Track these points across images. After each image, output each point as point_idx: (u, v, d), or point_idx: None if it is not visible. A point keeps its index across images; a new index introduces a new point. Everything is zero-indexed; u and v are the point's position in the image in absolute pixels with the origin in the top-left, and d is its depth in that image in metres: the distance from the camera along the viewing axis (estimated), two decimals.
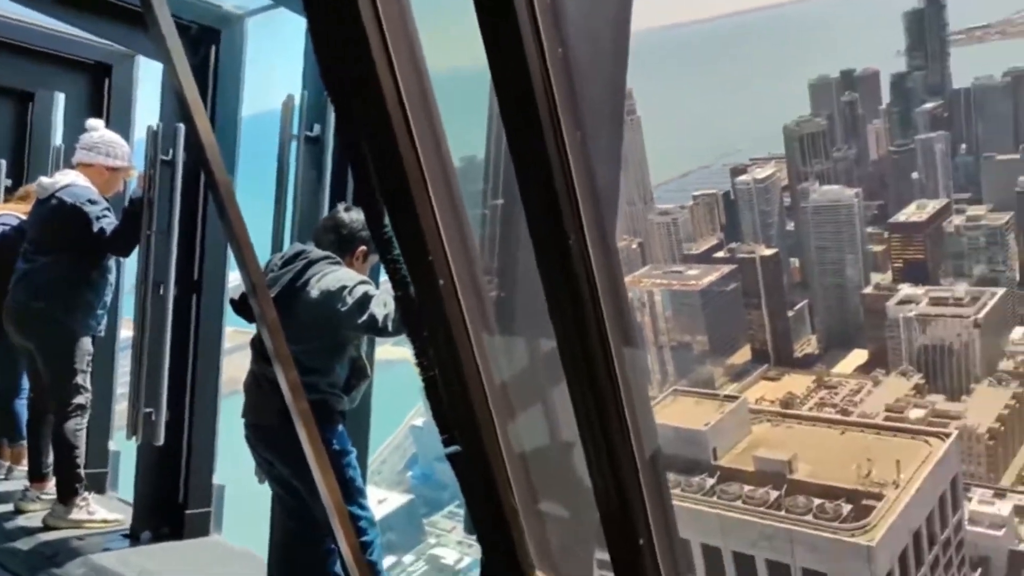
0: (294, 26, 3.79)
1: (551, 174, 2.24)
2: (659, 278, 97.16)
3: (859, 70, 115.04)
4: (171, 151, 4.50)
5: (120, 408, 5.48)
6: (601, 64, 2.86)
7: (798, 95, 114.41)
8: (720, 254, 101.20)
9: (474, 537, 2.98)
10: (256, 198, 4.44)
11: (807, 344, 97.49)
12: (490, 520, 2.73)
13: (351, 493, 3.30)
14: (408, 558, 71.88)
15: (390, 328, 3.19)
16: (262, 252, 3.88)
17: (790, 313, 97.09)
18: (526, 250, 2.48)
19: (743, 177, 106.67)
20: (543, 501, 3.27)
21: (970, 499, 52.87)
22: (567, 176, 2.24)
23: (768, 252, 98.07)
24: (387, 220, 2.69)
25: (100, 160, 4.80)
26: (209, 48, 4.48)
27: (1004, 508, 55.02)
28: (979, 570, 50.50)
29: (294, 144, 4.02)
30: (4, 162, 6.24)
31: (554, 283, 2.42)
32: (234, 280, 4.28)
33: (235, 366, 4.84)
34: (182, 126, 4.35)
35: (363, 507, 3.38)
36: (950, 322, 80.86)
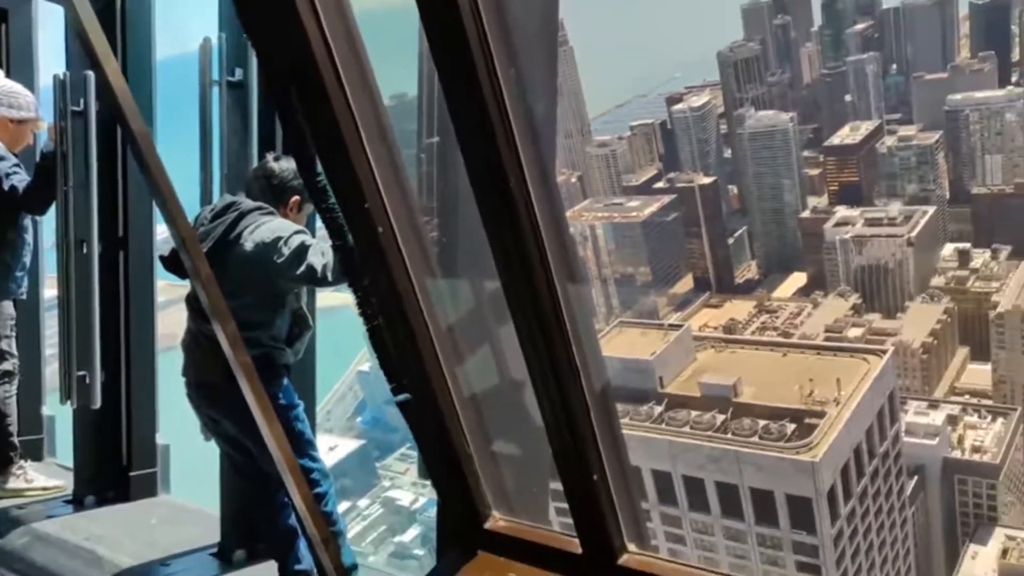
0: None
1: (486, 113, 2.15)
2: (600, 211, 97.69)
3: None
4: (82, 100, 4.24)
5: (52, 371, 5.28)
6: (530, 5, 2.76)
7: (731, 20, 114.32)
8: (659, 184, 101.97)
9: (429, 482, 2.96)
10: (180, 148, 4.24)
11: (747, 270, 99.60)
12: (445, 467, 2.71)
13: (301, 446, 3.24)
14: (363, 502, 72.63)
15: (330, 278, 3.09)
16: (191, 205, 3.73)
17: (730, 240, 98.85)
18: (466, 189, 2.40)
19: (679, 106, 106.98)
20: (496, 442, 3.26)
21: (906, 411, 55.35)
22: (503, 114, 2.17)
23: (707, 180, 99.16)
24: (320, 168, 2.58)
25: (3, 112, 4.50)
26: None
27: (938, 418, 57.84)
28: (915, 478, 53.06)
29: (216, 90, 3.81)
30: None
31: (495, 223, 2.36)
32: (163, 233, 4.10)
33: (170, 321, 4.70)
34: (92, 73, 4.09)
35: (314, 459, 3.33)
36: (884, 242, 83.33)
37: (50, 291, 5.06)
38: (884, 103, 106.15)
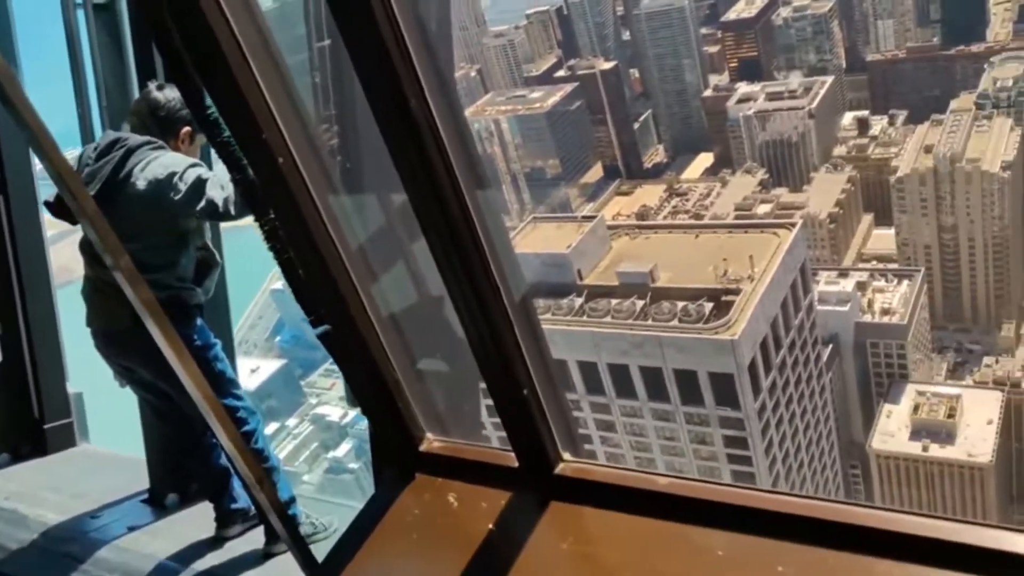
0: None
1: (376, 26, 2.04)
2: (503, 105, 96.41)
3: None
4: None
5: None
6: None
7: None
8: (560, 73, 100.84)
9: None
10: (52, 80, 3.93)
11: (655, 154, 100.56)
12: (373, 394, 2.68)
13: (222, 386, 3.16)
14: (292, 421, 72.64)
15: (232, 211, 2.96)
16: (68, 133, 3.49)
17: (636, 125, 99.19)
18: (362, 94, 2.30)
19: None
20: (422, 360, 3.25)
21: (817, 282, 57.61)
22: (394, 26, 2.06)
23: (607, 65, 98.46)
24: (208, 100, 2.41)
25: None
26: None
27: (848, 285, 60.52)
28: (830, 345, 55.76)
29: (81, 14, 3.51)
30: None
31: (396, 142, 2.27)
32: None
33: (63, 256, 4.46)
34: None
35: (238, 397, 3.26)
36: (786, 115, 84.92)
37: None
38: None
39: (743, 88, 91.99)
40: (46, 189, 4.30)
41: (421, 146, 2.20)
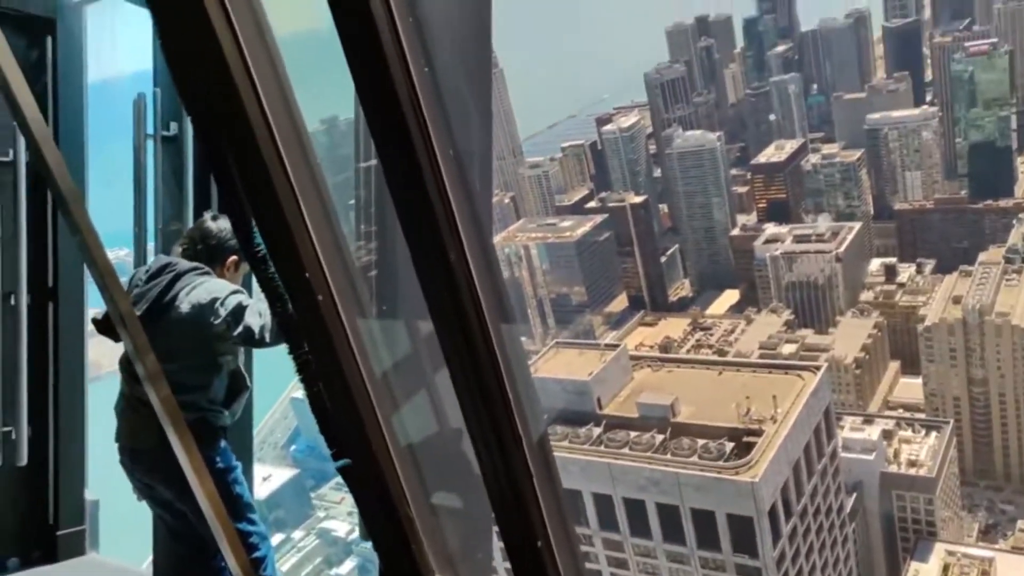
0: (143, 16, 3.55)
1: (412, 148, 2.16)
2: (534, 232, 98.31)
3: (713, 16, 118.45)
4: (11, 152, 4.15)
5: None
6: (461, 29, 2.79)
7: (656, 43, 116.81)
8: (591, 204, 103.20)
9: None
10: (115, 201, 4.17)
11: (681, 288, 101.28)
12: (387, 531, 2.70)
13: (239, 510, 3.20)
14: (298, 534, 71.00)
15: (267, 339, 3.07)
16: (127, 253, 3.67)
17: (663, 259, 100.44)
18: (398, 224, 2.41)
19: (609, 127, 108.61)
20: (437, 494, 3.27)
21: (842, 427, 56.22)
22: (429, 150, 2.18)
23: (637, 200, 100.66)
24: (258, 239, 2.57)
25: None
26: (44, 40, 4.11)
27: (873, 433, 59.06)
28: (854, 495, 53.81)
29: (151, 144, 3.78)
30: None
31: (426, 267, 2.38)
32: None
33: (94, 351, 4.59)
34: (16, 125, 4.01)
35: (252, 522, 3.28)
36: (813, 258, 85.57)
37: None
38: (807, 122, 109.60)
39: (771, 229, 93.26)
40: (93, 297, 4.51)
41: (452, 280, 2.30)
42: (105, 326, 3.15)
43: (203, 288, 3.17)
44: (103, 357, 3.55)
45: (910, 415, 68.28)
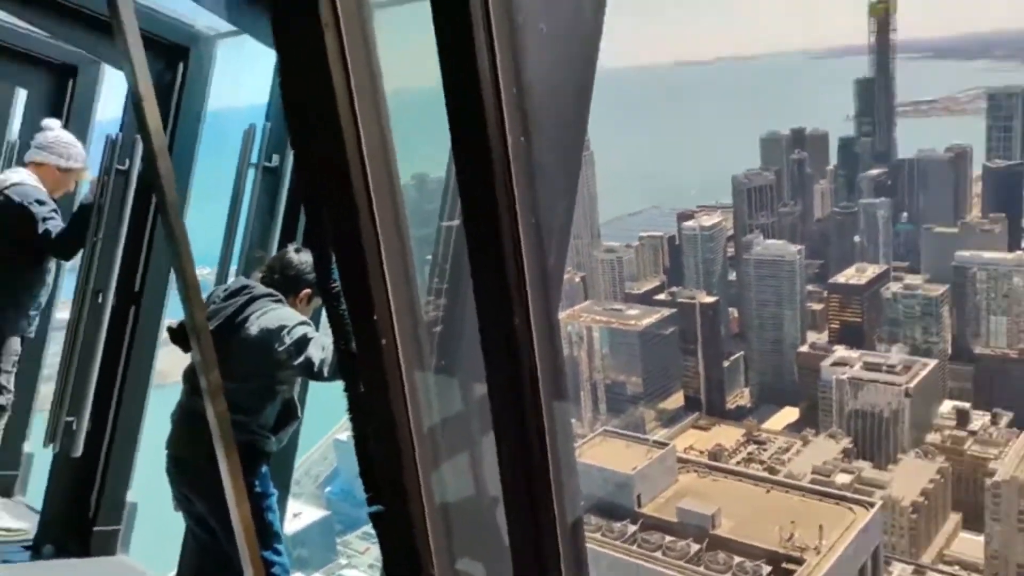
0: (267, 54, 3.80)
1: (497, 213, 2.25)
2: (599, 315, 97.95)
3: (809, 130, 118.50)
4: (127, 161, 4.46)
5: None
6: (561, 106, 2.92)
7: (749, 148, 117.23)
8: (661, 297, 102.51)
9: None
10: (210, 221, 4.41)
11: (740, 396, 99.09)
12: None
13: (267, 538, 3.27)
14: None
15: (326, 373, 3.18)
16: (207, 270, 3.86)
17: (725, 363, 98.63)
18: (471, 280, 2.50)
19: (690, 223, 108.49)
20: (462, 560, 3.28)
21: (890, 573, 53.14)
22: (512, 217, 2.26)
23: (709, 300, 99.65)
24: (336, 275, 2.70)
25: (53, 160, 4.72)
26: (176, 65, 4.45)
27: None
28: None
29: (252, 172, 4.02)
30: None
31: (491, 331, 2.44)
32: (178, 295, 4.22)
33: (163, 361, 4.78)
34: (139, 138, 4.31)
35: (278, 552, 3.36)
36: (882, 388, 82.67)
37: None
38: (892, 249, 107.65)
39: (841, 352, 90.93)
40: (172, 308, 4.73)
41: (513, 346, 2.36)
42: (178, 336, 3.32)
43: (274, 315, 3.32)
44: (170, 368, 3.72)
45: (967, 574, 64.28)
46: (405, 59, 2.77)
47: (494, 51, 2.09)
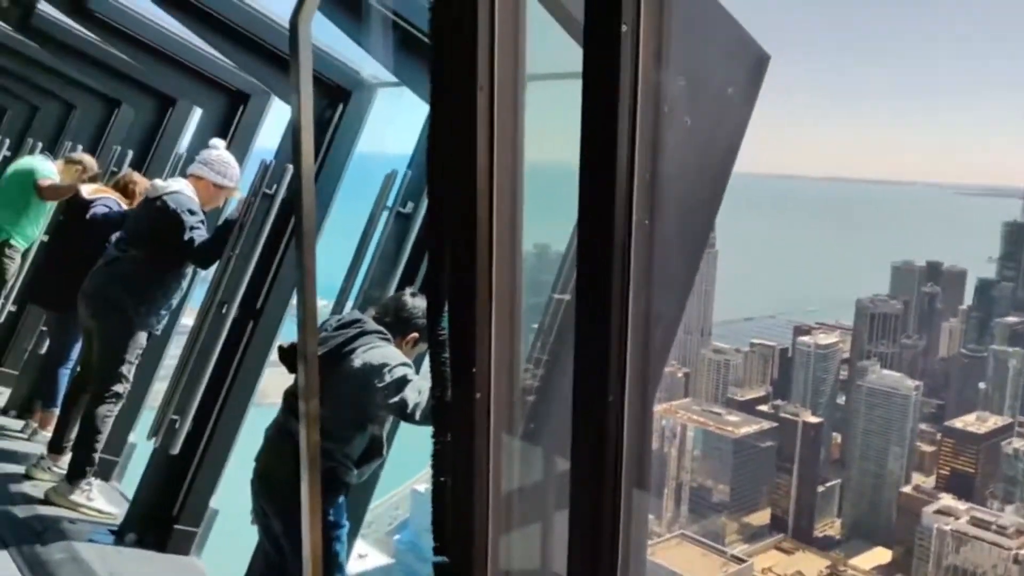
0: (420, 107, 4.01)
1: (610, 293, 2.27)
2: (697, 414, 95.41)
3: (946, 265, 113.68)
4: (275, 186, 4.75)
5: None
6: (692, 196, 2.94)
7: (879, 273, 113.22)
8: (764, 408, 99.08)
9: None
10: (334, 252, 4.64)
11: (830, 526, 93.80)
12: None
13: (331, 568, 3.33)
14: None
15: (417, 416, 3.26)
16: (325, 301, 4.04)
17: (820, 488, 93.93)
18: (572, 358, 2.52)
19: (805, 338, 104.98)
20: None
21: None
22: (624, 300, 2.28)
23: (813, 420, 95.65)
24: (446, 322, 2.80)
25: (210, 176, 5.09)
26: (337, 106, 4.76)
27: None
28: None
29: (385, 215, 4.22)
30: (131, 153, 6.68)
31: (583, 407, 2.45)
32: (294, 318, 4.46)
33: (271, 383, 4.99)
34: (290, 167, 4.60)
35: None
36: (988, 549, 76.81)
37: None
38: (1020, 403, 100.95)
39: (947, 500, 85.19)
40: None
41: (603, 427, 2.36)
42: (287, 356, 3.48)
43: (379, 351, 3.44)
44: (273, 389, 3.88)
45: None
46: (548, 131, 2.88)
47: (635, 136, 2.15)
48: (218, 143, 5.21)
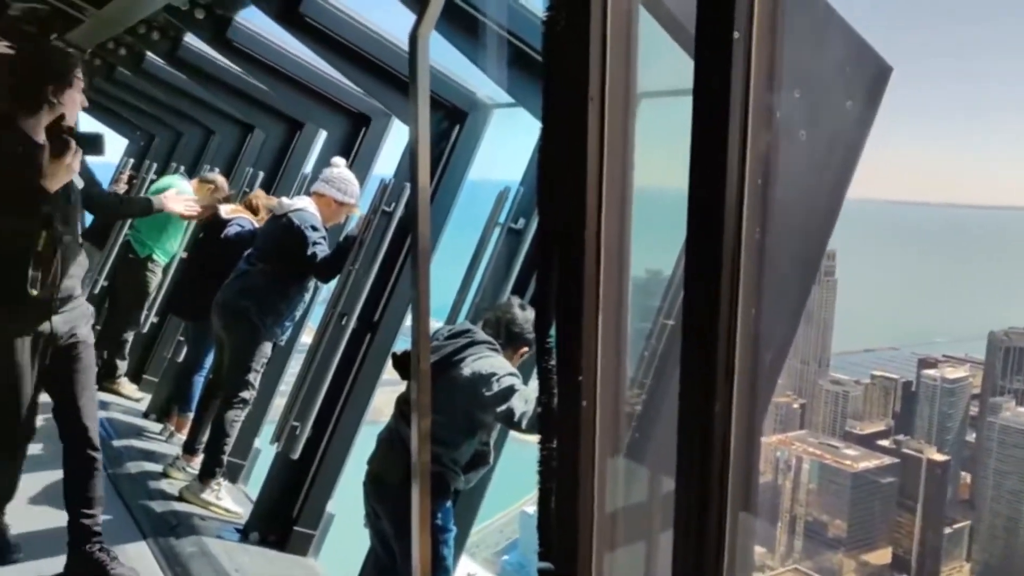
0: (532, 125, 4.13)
1: (717, 319, 2.29)
2: (813, 447, 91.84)
3: None
4: (393, 204, 4.97)
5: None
6: (807, 211, 2.91)
7: (1017, 305, 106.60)
8: (885, 443, 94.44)
9: None
10: (451, 265, 4.81)
11: (958, 570, 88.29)
12: None
13: (439, 571, 3.43)
14: None
15: (523, 425, 3.35)
16: (438, 314, 4.20)
17: (947, 530, 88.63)
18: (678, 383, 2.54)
19: (931, 371, 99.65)
20: None
21: None
22: (732, 327, 2.28)
23: (939, 457, 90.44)
24: (553, 332, 2.87)
25: (332, 193, 5.36)
26: (453, 126, 4.95)
27: None
28: None
29: (497, 231, 4.36)
30: (261, 174, 7.11)
31: (689, 432, 2.46)
32: (407, 330, 4.64)
33: (379, 399, 5.19)
34: (408, 185, 4.80)
35: None
36: None
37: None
38: None
39: None
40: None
41: (707, 452, 2.36)
42: (400, 363, 3.64)
43: (487, 361, 3.55)
44: (387, 406, 4.04)
45: None
46: (657, 150, 2.93)
47: (746, 147, 2.15)
48: (339, 161, 5.48)
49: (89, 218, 6.68)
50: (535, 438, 3.08)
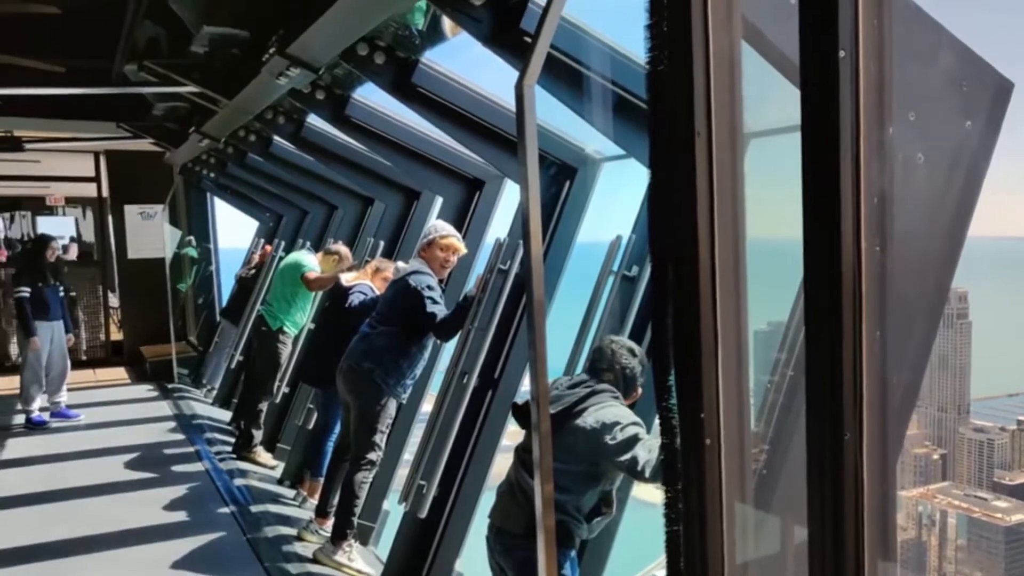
0: (640, 174, 4.15)
1: (841, 379, 2.20)
2: (959, 499, 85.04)
3: None
4: (508, 263, 5.07)
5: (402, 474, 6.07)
6: (928, 236, 2.77)
7: None
8: None
9: None
10: (561, 321, 4.85)
11: None
12: None
13: None
14: None
15: (646, 474, 3.32)
16: (557, 365, 4.24)
17: None
18: (802, 434, 2.46)
19: None
20: None
21: None
22: (858, 390, 2.19)
23: None
24: (672, 371, 2.85)
25: (428, 236, 5.58)
26: (564, 183, 5.04)
27: None
28: None
29: (611, 279, 4.39)
30: (382, 243, 7.42)
31: (818, 480, 2.35)
32: (525, 385, 4.69)
33: (503, 466, 5.21)
34: (521, 243, 4.90)
35: None
36: None
37: (426, 407, 5.90)
38: None
39: None
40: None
41: (838, 503, 2.24)
42: (519, 412, 3.68)
43: (610, 410, 3.55)
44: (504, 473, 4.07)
45: None
46: (766, 191, 2.90)
47: (859, 177, 2.09)
48: (434, 222, 5.78)
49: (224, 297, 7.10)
50: (660, 489, 3.06)
